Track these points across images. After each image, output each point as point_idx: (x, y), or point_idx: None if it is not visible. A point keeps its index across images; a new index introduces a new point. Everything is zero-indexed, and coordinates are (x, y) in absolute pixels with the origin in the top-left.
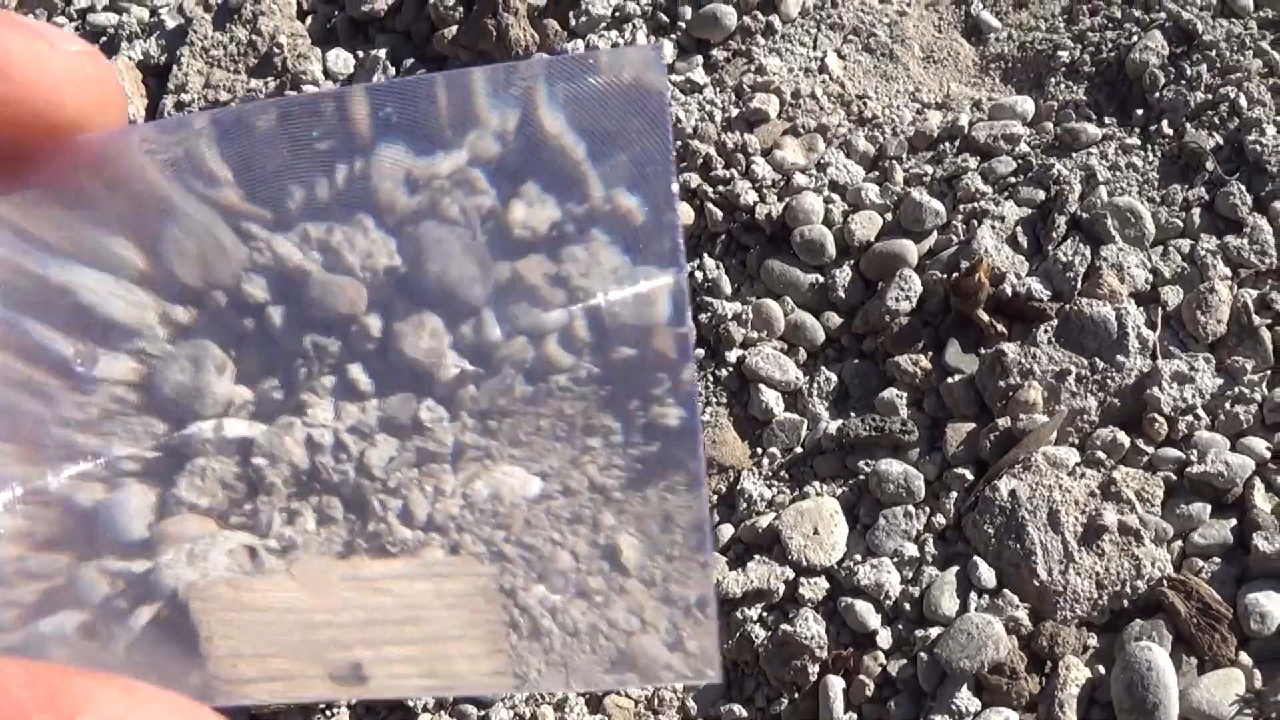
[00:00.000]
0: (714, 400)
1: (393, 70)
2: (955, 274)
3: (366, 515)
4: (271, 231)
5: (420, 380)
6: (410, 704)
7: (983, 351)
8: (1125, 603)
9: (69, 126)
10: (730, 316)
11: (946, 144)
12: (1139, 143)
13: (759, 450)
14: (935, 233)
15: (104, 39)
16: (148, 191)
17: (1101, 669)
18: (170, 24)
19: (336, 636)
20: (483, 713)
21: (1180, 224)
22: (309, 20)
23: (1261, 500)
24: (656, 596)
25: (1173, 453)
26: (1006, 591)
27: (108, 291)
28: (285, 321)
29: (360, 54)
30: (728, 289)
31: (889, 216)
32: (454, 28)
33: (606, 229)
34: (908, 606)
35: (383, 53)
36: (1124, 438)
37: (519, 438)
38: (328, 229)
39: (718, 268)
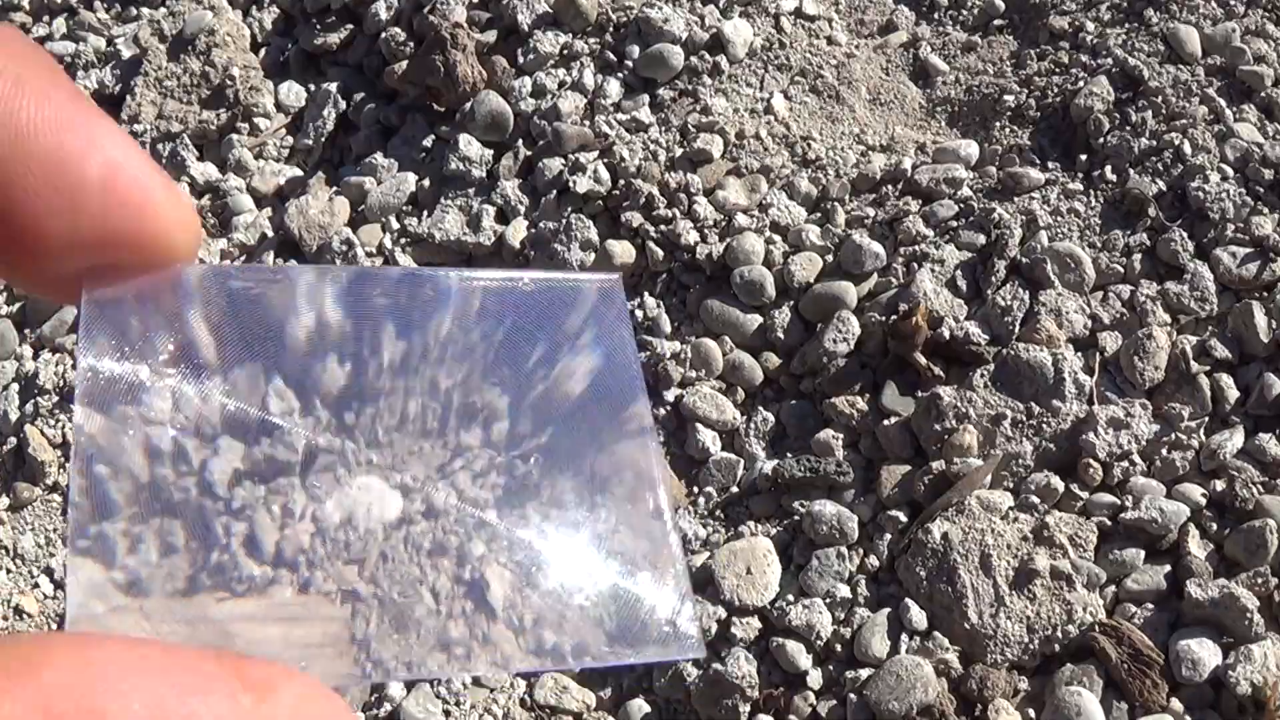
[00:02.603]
0: None
1: (344, 104)
2: (894, 317)
3: (210, 543)
4: None
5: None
6: None
7: (919, 394)
8: (1056, 647)
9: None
10: (669, 355)
11: (889, 186)
12: (1082, 188)
13: (695, 489)
14: (875, 275)
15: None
16: None
17: (1032, 713)
18: (126, 54)
19: None
20: None
21: (1121, 270)
22: (262, 53)
23: (1196, 547)
24: (525, 648)
25: (1107, 498)
26: (937, 634)
27: None
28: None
29: (312, 87)
30: (667, 328)
31: (829, 258)
32: (404, 63)
33: None
34: (839, 647)
35: (334, 86)
36: (1058, 482)
37: (378, 435)
38: None
39: (658, 306)
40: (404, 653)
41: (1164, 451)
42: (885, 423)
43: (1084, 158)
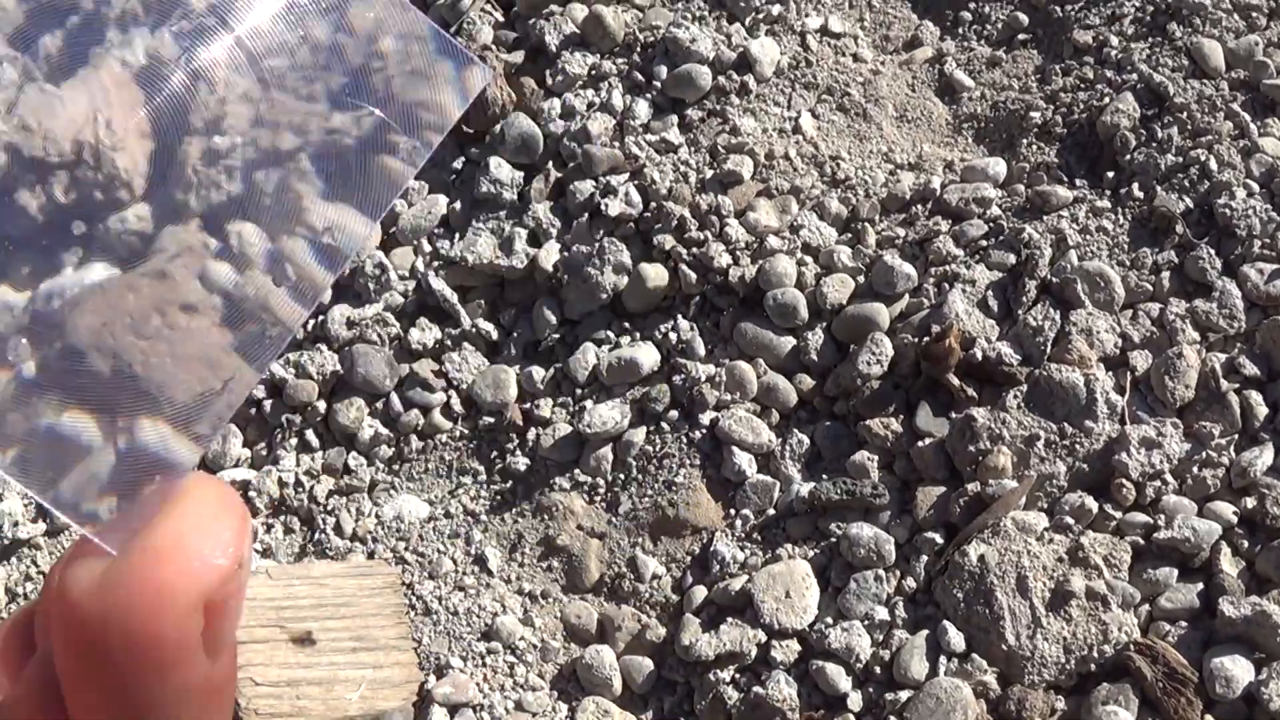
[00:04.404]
0: (687, 462)
1: None
2: (926, 338)
3: (314, 528)
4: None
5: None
6: None
7: (953, 415)
8: (1092, 667)
9: None
10: (704, 379)
11: (919, 206)
12: (1109, 205)
13: (732, 512)
14: (907, 296)
15: None
16: None
17: None
18: None
19: (296, 614)
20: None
21: (1149, 288)
22: None
23: (1228, 564)
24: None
25: (1140, 517)
26: (975, 655)
27: None
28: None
29: None
30: (701, 351)
31: (861, 279)
32: None
33: None
34: (878, 670)
35: None
36: (1092, 503)
37: (414, 475)
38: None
39: (691, 329)
40: (435, 590)
41: (1195, 470)
42: (919, 444)
43: (1111, 175)
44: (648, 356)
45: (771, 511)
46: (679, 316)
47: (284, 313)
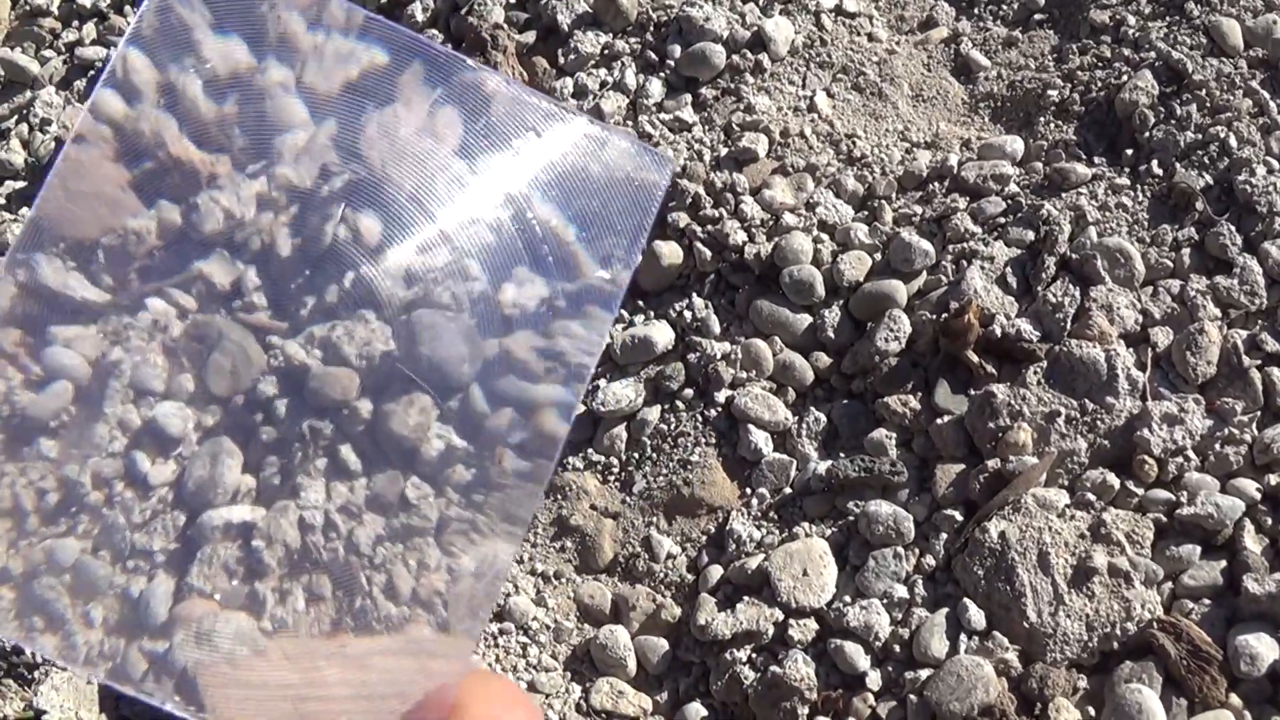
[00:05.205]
0: (703, 440)
1: None
2: (945, 315)
3: (354, 591)
4: (284, 338)
5: (407, 457)
6: None
7: (972, 392)
8: (1115, 645)
9: None
10: (719, 356)
11: (936, 184)
12: (1128, 182)
13: (748, 490)
14: (924, 273)
15: (90, 73)
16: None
17: (1092, 711)
18: None
19: (325, 709)
20: None
21: (1170, 264)
22: None
23: (1251, 542)
24: (526, 571)
25: (1163, 494)
26: (996, 633)
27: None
28: (287, 411)
29: None
30: (716, 329)
31: (878, 256)
32: None
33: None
34: (897, 648)
35: None
36: (1114, 479)
37: (508, 512)
38: (331, 327)
39: (706, 307)
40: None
41: (1218, 446)
42: (938, 421)
43: (1129, 152)
44: (662, 335)
45: (788, 490)
46: (694, 294)
47: None
